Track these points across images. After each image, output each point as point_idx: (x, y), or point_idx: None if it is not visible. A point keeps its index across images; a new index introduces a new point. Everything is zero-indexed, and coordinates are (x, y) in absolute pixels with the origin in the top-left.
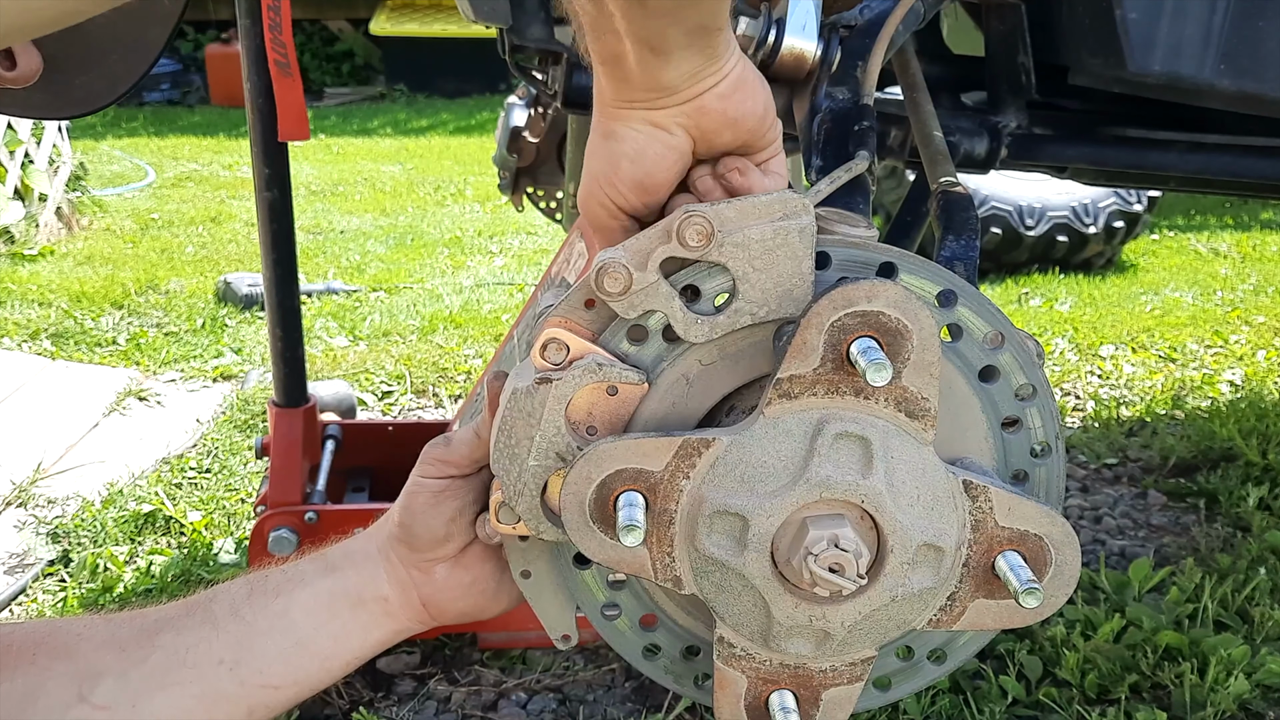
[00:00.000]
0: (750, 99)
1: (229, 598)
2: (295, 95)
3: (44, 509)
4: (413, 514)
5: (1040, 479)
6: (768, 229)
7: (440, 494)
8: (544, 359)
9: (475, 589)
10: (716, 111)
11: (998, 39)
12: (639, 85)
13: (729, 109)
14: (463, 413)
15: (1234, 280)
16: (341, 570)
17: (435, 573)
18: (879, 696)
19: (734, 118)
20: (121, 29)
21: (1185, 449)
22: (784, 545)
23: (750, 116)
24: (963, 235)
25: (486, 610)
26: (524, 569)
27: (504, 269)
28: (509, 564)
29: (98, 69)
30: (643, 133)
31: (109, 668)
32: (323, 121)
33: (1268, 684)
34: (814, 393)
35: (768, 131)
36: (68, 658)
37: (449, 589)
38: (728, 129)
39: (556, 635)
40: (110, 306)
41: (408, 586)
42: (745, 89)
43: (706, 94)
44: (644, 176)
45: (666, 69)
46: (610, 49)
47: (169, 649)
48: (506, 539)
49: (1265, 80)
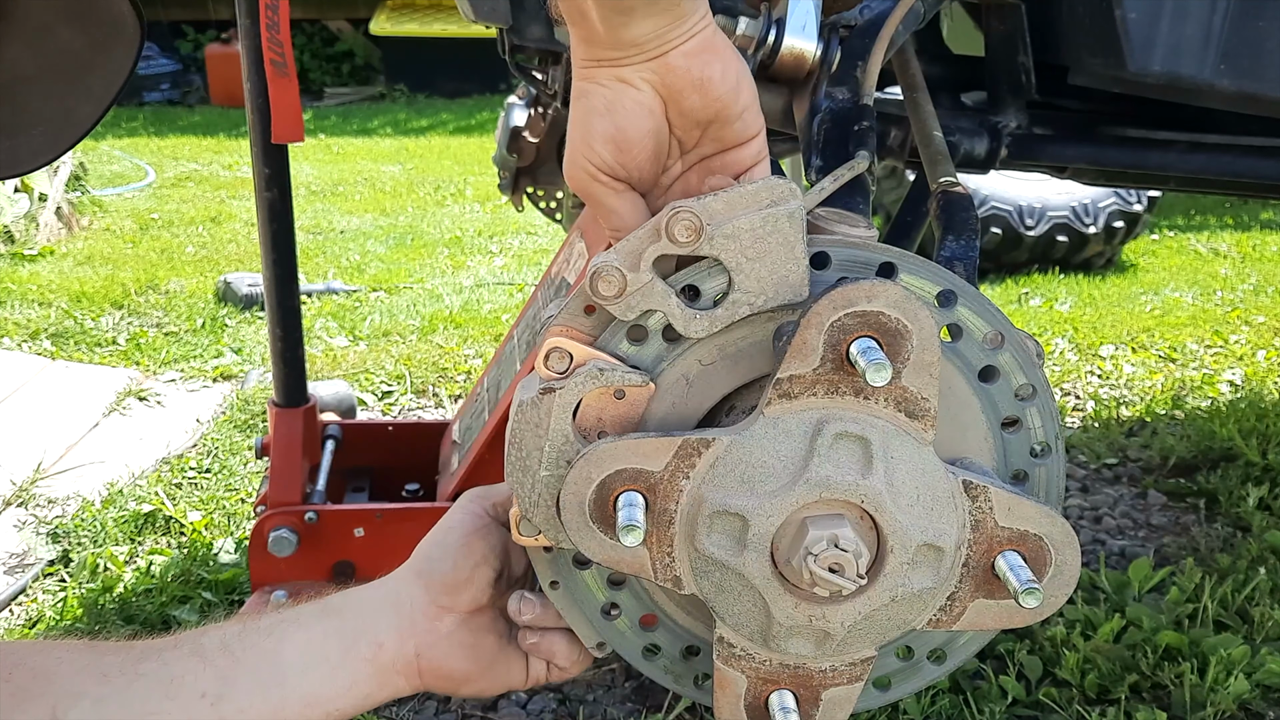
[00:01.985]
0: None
1: (221, 633)
2: (291, 96)
3: (44, 509)
4: (442, 549)
5: (1040, 479)
6: (756, 217)
7: (474, 533)
8: (547, 369)
9: (473, 653)
10: (682, 70)
11: (998, 39)
12: (605, 43)
13: (694, 68)
14: (462, 412)
15: (1234, 280)
16: (340, 614)
17: (442, 623)
18: (879, 696)
19: (700, 79)
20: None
21: (1185, 449)
22: (784, 545)
23: (719, 83)
24: (962, 235)
25: (474, 682)
26: (552, 579)
27: (504, 269)
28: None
29: (24, 136)
30: (611, 88)
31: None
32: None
33: (1268, 684)
34: (814, 393)
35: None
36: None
37: (448, 645)
38: (695, 91)
39: (591, 644)
40: (110, 306)
41: (407, 635)
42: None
43: (672, 52)
44: (616, 132)
45: (630, 26)
46: (576, 6)
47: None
48: (531, 551)
49: (1265, 80)
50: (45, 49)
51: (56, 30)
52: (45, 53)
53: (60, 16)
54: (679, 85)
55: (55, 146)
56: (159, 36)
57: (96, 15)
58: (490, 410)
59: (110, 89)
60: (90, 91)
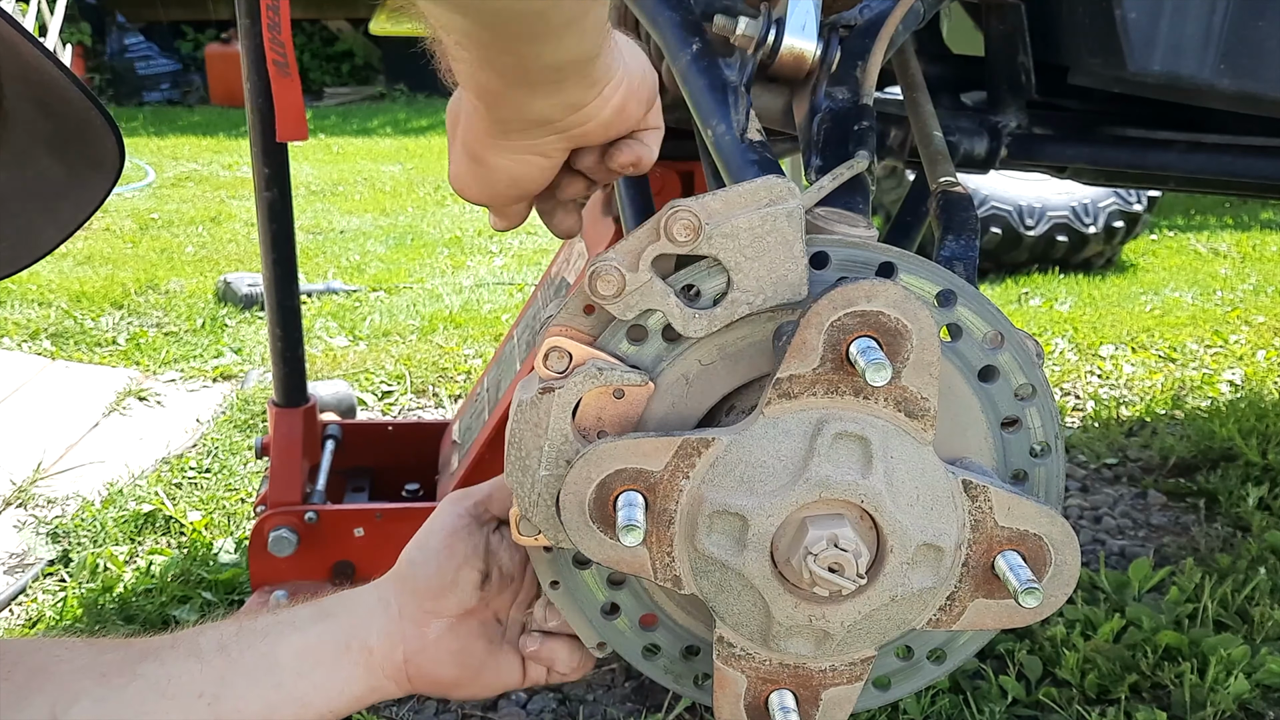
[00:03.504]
0: (635, 103)
1: (217, 633)
2: (294, 95)
3: (44, 509)
4: (426, 553)
5: (1040, 479)
6: (755, 216)
7: (454, 536)
8: (547, 368)
9: (460, 659)
10: (599, 133)
11: (998, 39)
12: (515, 122)
13: (614, 125)
14: (462, 412)
15: (1234, 280)
16: (334, 617)
17: (429, 629)
18: (879, 696)
19: (620, 129)
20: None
21: (1185, 449)
22: (784, 545)
23: (634, 117)
24: (962, 235)
25: (463, 686)
26: (553, 579)
27: (504, 269)
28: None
29: None
30: (518, 160)
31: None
32: (323, 121)
33: (1267, 684)
34: (813, 392)
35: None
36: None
37: (435, 651)
38: (611, 134)
39: (591, 644)
40: (110, 306)
41: (395, 641)
42: (632, 97)
43: (589, 123)
44: (522, 194)
45: (538, 104)
46: (479, 84)
47: (150, 678)
48: (532, 551)
49: (1265, 80)
50: (23, 174)
51: (37, 157)
52: (22, 178)
53: (44, 147)
54: (596, 139)
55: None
56: (159, 36)
57: (80, 149)
58: (490, 410)
59: (77, 217)
60: (58, 217)
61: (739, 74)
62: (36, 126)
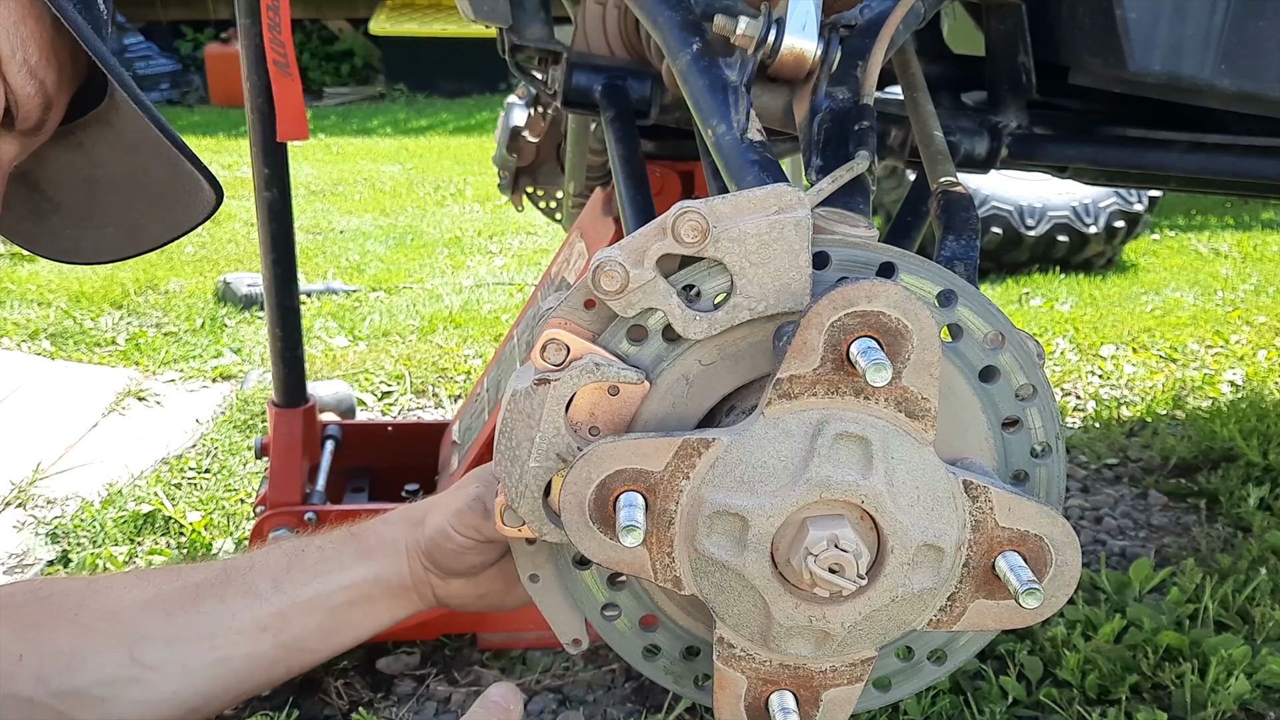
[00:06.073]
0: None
1: (269, 570)
2: (294, 95)
3: (43, 509)
4: (442, 552)
5: (1040, 479)
6: (763, 223)
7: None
8: (543, 360)
9: (484, 600)
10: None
11: (998, 39)
12: None
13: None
14: (462, 413)
15: (1235, 280)
16: (375, 559)
17: (451, 583)
18: (879, 697)
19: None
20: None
21: (1186, 449)
22: (784, 545)
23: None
24: (963, 235)
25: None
26: (532, 573)
27: (504, 269)
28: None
29: (93, 229)
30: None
31: (156, 631)
32: (322, 121)
33: (1268, 684)
34: (814, 393)
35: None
36: (112, 618)
37: (460, 595)
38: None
39: (567, 639)
40: (109, 306)
41: (424, 585)
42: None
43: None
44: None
45: None
46: None
47: (214, 615)
48: (513, 542)
49: (1265, 80)
50: (132, 165)
51: (145, 154)
52: (131, 168)
53: (151, 148)
54: None
55: (119, 250)
56: (158, 36)
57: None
58: (490, 410)
59: (179, 226)
60: (162, 218)
61: (739, 74)
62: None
